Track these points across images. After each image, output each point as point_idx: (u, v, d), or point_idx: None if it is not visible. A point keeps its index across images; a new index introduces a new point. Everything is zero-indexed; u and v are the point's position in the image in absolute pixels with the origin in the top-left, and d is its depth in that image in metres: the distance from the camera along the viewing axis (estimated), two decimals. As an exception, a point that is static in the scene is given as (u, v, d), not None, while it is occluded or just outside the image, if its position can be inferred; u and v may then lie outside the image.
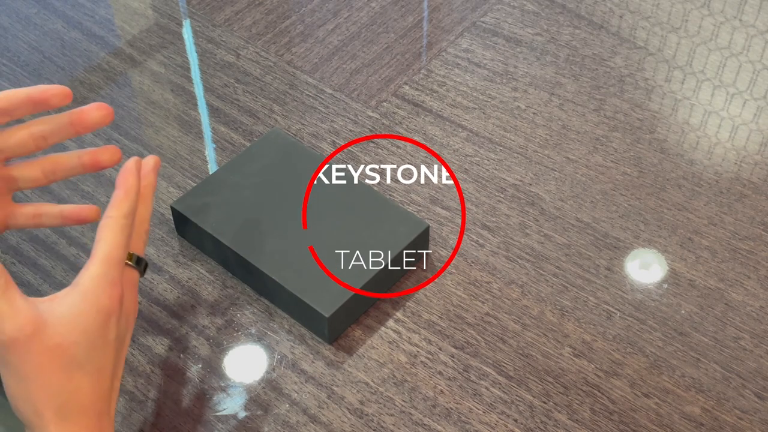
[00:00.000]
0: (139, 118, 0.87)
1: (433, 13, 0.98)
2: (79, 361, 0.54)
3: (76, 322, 0.53)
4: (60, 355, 0.53)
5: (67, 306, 0.54)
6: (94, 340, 0.54)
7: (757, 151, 0.84)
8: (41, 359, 0.52)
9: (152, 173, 0.64)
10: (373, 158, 0.83)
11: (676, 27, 0.96)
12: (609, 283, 0.74)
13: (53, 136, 0.62)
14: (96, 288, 0.54)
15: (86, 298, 0.54)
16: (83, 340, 0.54)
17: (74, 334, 0.53)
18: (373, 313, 0.72)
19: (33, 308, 0.53)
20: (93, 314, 0.54)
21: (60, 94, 0.60)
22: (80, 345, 0.54)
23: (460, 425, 0.66)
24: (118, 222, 0.57)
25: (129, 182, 0.59)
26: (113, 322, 0.55)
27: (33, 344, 0.52)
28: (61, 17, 0.97)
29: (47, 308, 0.53)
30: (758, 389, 0.68)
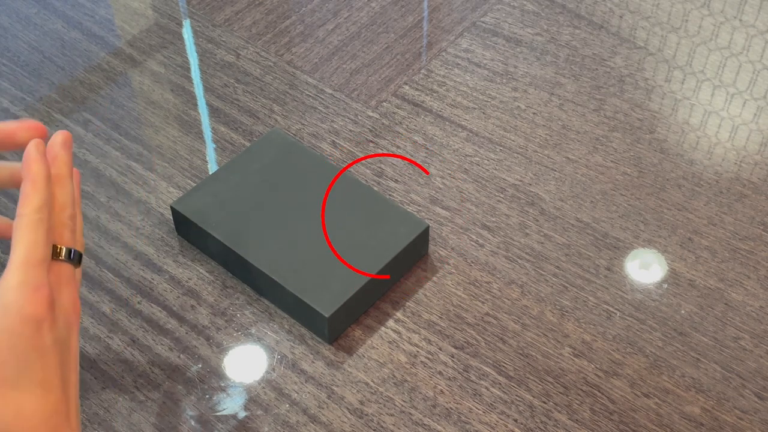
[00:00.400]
0: (139, 118, 0.87)
1: (433, 13, 0.98)
2: (12, 381, 0.49)
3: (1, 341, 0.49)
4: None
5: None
6: (24, 355, 0.49)
7: (757, 151, 0.84)
8: None
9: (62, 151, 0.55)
10: (373, 158, 0.83)
11: (676, 27, 0.96)
12: (609, 283, 0.74)
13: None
14: (17, 299, 0.49)
15: (8, 311, 0.49)
16: (11, 358, 0.49)
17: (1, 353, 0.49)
18: (373, 313, 0.72)
19: None
20: (18, 327, 0.49)
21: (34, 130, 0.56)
22: (9, 364, 0.49)
23: (460, 425, 0.66)
24: (30, 218, 0.51)
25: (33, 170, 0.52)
26: (45, 330, 0.50)
27: None
28: (61, 17, 0.97)
29: None
30: (758, 389, 0.68)
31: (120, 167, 0.83)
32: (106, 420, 0.66)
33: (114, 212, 0.79)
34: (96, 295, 0.73)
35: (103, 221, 0.78)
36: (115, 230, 0.78)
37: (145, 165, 0.83)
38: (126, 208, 0.79)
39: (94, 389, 0.68)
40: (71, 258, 0.54)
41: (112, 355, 0.70)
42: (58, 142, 0.55)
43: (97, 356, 0.70)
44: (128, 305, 0.73)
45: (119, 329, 0.71)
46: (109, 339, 0.71)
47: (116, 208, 0.79)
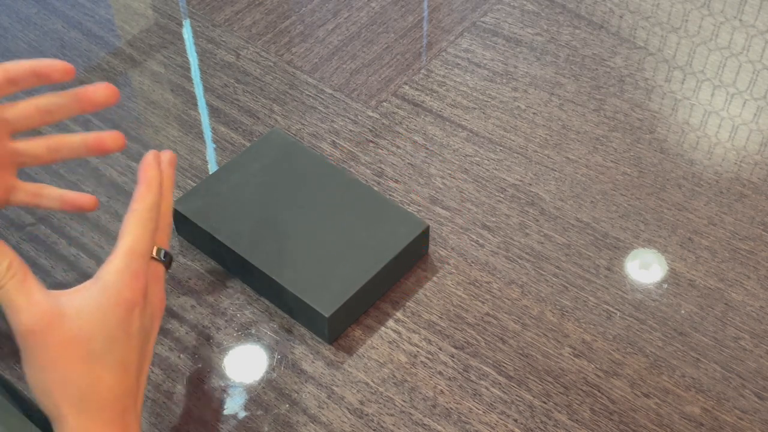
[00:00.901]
0: (139, 118, 0.87)
1: (433, 13, 0.98)
2: (98, 353, 0.53)
3: (94, 315, 0.53)
4: (77, 347, 0.53)
5: (87, 298, 0.54)
6: (114, 332, 0.54)
7: (757, 151, 0.84)
8: (58, 351, 0.52)
9: (170, 167, 0.63)
10: (373, 158, 0.83)
11: (676, 27, 0.96)
12: (609, 283, 0.74)
13: (59, 111, 0.64)
14: (118, 281, 0.54)
15: (107, 290, 0.54)
16: (102, 332, 0.53)
17: (92, 326, 0.53)
18: (373, 313, 0.72)
19: (51, 300, 0.53)
20: (113, 307, 0.54)
21: (62, 70, 0.62)
22: (98, 337, 0.53)
23: (460, 425, 0.66)
24: (141, 215, 0.57)
25: (149, 175, 0.59)
26: (136, 315, 0.55)
27: (50, 336, 0.52)
28: (61, 17, 0.97)
29: (67, 301, 0.53)
30: (758, 389, 0.68)
31: (120, 167, 0.83)
32: (106, 420, 0.66)
33: (114, 212, 0.79)
34: (96, 295, 0.73)
35: (103, 221, 0.78)
36: (115, 230, 0.78)
37: (146, 165, 0.83)
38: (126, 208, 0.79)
39: (94, 389, 0.68)
40: (165, 259, 0.60)
41: (112, 355, 0.70)
42: (167, 159, 0.63)
43: (97, 356, 0.70)
44: (128, 305, 0.73)
45: (119, 329, 0.71)
46: (109, 339, 0.71)
47: (116, 208, 0.79)
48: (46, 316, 0.52)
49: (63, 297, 0.54)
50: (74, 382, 0.53)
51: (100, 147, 0.65)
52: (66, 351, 0.52)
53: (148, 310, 0.57)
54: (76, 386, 0.53)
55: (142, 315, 0.56)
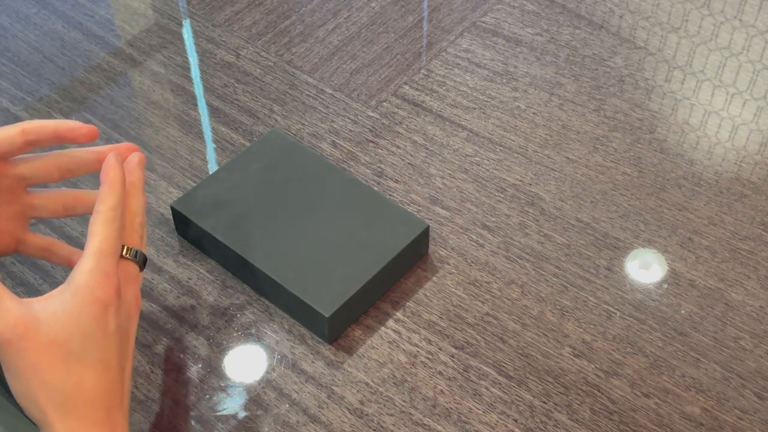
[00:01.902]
0: (139, 118, 0.87)
1: (433, 13, 0.98)
2: (77, 354, 0.54)
3: (69, 317, 0.54)
4: (55, 351, 0.53)
5: (60, 302, 0.54)
6: (90, 332, 0.54)
7: (757, 151, 0.84)
8: (37, 357, 0.53)
9: (137, 168, 0.63)
10: (373, 158, 0.83)
11: (676, 27, 0.96)
12: (609, 283, 0.74)
13: (79, 170, 0.64)
14: (89, 281, 0.55)
15: (79, 292, 0.54)
16: (78, 333, 0.54)
17: (68, 328, 0.54)
18: (373, 313, 0.72)
19: (24, 308, 0.53)
20: (87, 307, 0.54)
21: (87, 134, 0.62)
22: (75, 339, 0.54)
23: (460, 425, 0.66)
24: (106, 215, 0.57)
25: (111, 175, 0.59)
26: (111, 314, 0.55)
27: (27, 343, 0.53)
28: (61, 17, 0.97)
29: (41, 307, 0.54)
30: (758, 389, 0.68)
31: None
32: (106, 420, 0.66)
33: (114, 212, 0.79)
34: (96, 295, 0.73)
35: (103, 221, 0.78)
36: (115, 230, 0.78)
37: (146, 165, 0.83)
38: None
39: (94, 389, 0.68)
40: (137, 259, 0.60)
41: (112, 355, 0.70)
42: (135, 160, 0.63)
43: (97, 356, 0.70)
44: (128, 305, 0.73)
45: (119, 329, 0.71)
46: (109, 339, 0.71)
47: (116, 208, 0.79)
48: (21, 324, 0.53)
49: (36, 303, 0.54)
50: (56, 386, 0.53)
51: None
52: (45, 356, 0.53)
53: (123, 309, 0.57)
54: (59, 390, 0.53)
55: (117, 314, 0.56)
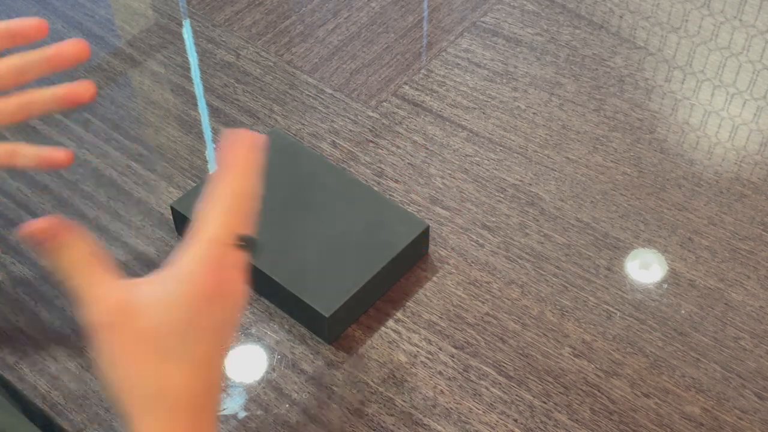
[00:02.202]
0: (139, 118, 0.87)
1: (433, 13, 0.98)
2: (171, 349, 0.50)
3: (170, 309, 0.50)
4: (150, 343, 0.49)
5: (162, 289, 0.50)
6: (188, 326, 0.50)
7: (757, 151, 0.84)
8: (129, 345, 0.49)
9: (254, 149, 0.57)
10: (373, 158, 0.83)
11: (676, 27, 0.96)
12: (609, 283, 0.74)
13: (31, 71, 0.63)
14: (194, 271, 0.50)
15: (184, 281, 0.50)
16: (176, 326, 0.50)
17: (166, 320, 0.50)
18: (373, 313, 0.72)
19: (126, 292, 0.50)
20: (189, 298, 0.50)
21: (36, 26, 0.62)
22: (172, 332, 0.50)
23: (460, 425, 0.66)
24: (227, 202, 0.52)
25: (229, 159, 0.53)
26: (212, 307, 0.51)
27: (122, 328, 0.49)
28: (61, 17, 0.97)
29: (142, 292, 0.50)
30: (758, 389, 0.68)
31: (120, 167, 0.83)
32: (106, 420, 0.66)
33: (114, 212, 0.79)
34: (96, 295, 0.73)
35: (103, 221, 0.78)
36: (115, 230, 0.78)
37: (145, 165, 0.83)
38: (126, 208, 0.79)
39: (94, 389, 0.68)
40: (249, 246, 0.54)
41: (112, 355, 0.70)
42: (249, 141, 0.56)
43: (97, 356, 0.70)
44: (128, 305, 0.73)
45: (119, 329, 0.71)
46: (109, 339, 0.71)
47: (116, 208, 0.79)
48: (119, 309, 0.49)
49: (137, 288, 0.50)
50: (144, 380, 0.49)
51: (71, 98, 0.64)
52: (138, 346, 0.49)
53: (228, 302, 0.52)
54: (146, 384, 0.50)
55: (219, 307, 0.51)
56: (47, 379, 0.68)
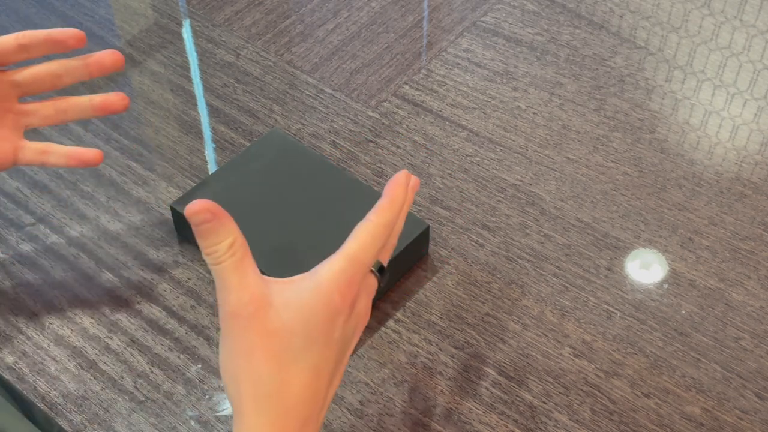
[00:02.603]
0: (138, 118, 0.87)
1: (433, 13, 0.98)
2: (294, 353, 0.51)
3: (300, 312, 0.51)
4: (275, 342, 0.51)
5: (297, 292, 0.52)
6: (315, 334, 0.51)
7: (758, 151, 0.84)
8: (256, 341, 0.50)
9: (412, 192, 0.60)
10: (373, 158, 0.83)
11: (677, 27, 0.96)
12: (609, 283, 0.74)
13: (68, 76, 0.68)
14: (332, 282, 0.52)
15: (319, 289, 0.52)
16: (303, 331, 0.51)
17: (295, 323, 0.51)
18: (373, 313, 0.72)
19: (262, 287, 0.51)
20: (321, 307, 0.51)
21: (76, 37, 0.66)
22: (298, 336, 0.51)
23: (460, 425, 0.66)
24: (376, 228, 0.55)
25: (396, 193, 0.56)
26: (340, 322, 0.52)
27: (252, 323, 0.50)
28: (61, 17, 0.97)
29: (278, 290, 0.52)
30: (758, 389, 0.68)
31: (120, 167, 0.83)
32: (106, 420, 0.66)
33: (114, 212, 0.79)
34: (96, 295, 0.73)
35: (103, 221, 0.78)
36: (115, 230, 0.78)
37: (145, 165, 0.83)
38: (126, 208, 0.79)
39: (94, 389, 0.68)
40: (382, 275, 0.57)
41: (112, 355, 0.70)
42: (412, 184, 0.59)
43: (97, 356, 0.70)
44: (128, 305, 0.73)
45: (119, 329, 0.71)
46: (108, 339, 0.71)
47: (116, 208, 0.79)
48: (254, 302, 0.50)
49: (275, 286, 0.52)
50: (263, 378, 0.50)
51: (106, 107, 0.69)
52: (264, 343, 0.50)
53: (352, 321, 0.54)
54: (264, 383, 0.50)
55: (346, 323, 0.53)
56: (47, 379, 0.68)
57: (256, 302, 0.51)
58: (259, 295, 0.51)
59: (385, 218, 0.55)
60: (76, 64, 0.68)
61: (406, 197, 0.57)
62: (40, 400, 0.67)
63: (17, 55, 0.66)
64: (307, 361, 0.51)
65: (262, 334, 0.50)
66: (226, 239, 0.51)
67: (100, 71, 0.68)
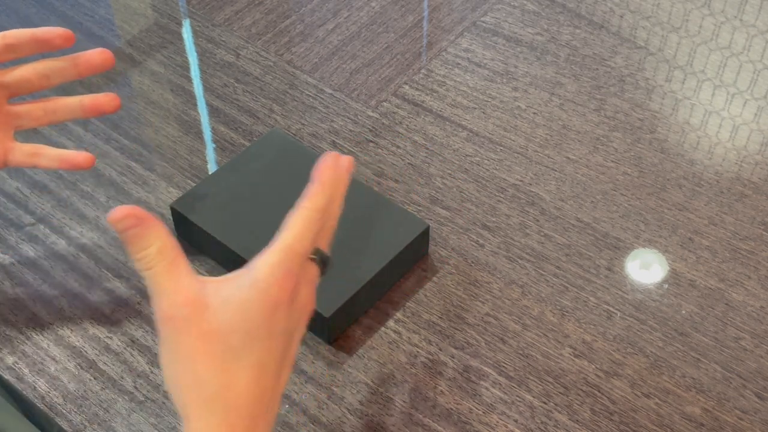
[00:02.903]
0: (138, 118, 0.87)
1: (433, 13, 0.98)
2: (236, 351, 0.50)
3: (238, 309, 0.50)
4: (215, 342, 0.50)
5: (234, 290, 0.51)
6: (255, 330, 0.50)
7: (758, 151, 0.84)
8: (195, 343, 0.50)
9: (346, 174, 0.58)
10: (373, 158, 0.83)
11: (677, 27, 0.96)
12: (609, 283, 0.74)
13: (56, 76, 0.66)
14: (269, 276, 0.51)
15: (256, 284, 0.51)
16: (243, 328, 0.50)
17: (234, 321, 0.50)
18: (373, 313, 0.72)
19: (197, 288, 0.51)
20: (259, 302, 0.50)
21: (63, 36, 0.65)
22: (239, 333, 0.50)
23: (460, 425, 0.66)
24: (309, 214, 0.54)
25: (325, 176, 0.55)
26: (281, 314, 0.51)
27: (190, 325, 0.50)
28: (60, 17, 0.97)
29: (213, 290, 0.51)
30: (759, 389, 0.68)
31: (120, 167, 0.83)
32: (106, 420, 0.66)
33: (114, 212, 0.79)
34: (96, 295, 0.73)
35: (103, 221, 0.78)
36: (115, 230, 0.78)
37: (145, 165, 0.83)
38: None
39: (94, 389, 0.68)
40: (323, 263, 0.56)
41: (112, 355, 0.70)
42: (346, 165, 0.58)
43: (96, 356, 0.69)
44: (128, 305, 0.73)
45: (119, 329, 0.71)
46: (108, 339, 0.71)
47: (116, 208, 0.79)
48: (189, 304, 0.50)
49: (210, 285, 0.51)
50: (205, 380, 0.50)
51: (96, 108, 0.67)
52: (203, 344, 0.50)
53: (295, 312, 0.53)
54: (207, 384, 0.50)
55: (287, 315, 0.52)
56: (47, 379, 0.68)
57: (191, 304, 0.50)
58: (194, 296, 0.50)
59: (316, 203, 0.54)
60: (64, 65, 0.66)
61: (338, 179, 0.56)
62: (40, 400, 0.67)
63: (3, 55, 0.65)
64: (249, 358, 0.50)
65: (201, 336, 0.50)
66: (154, 244, 0.51)
67: (90, 70, 0.66)
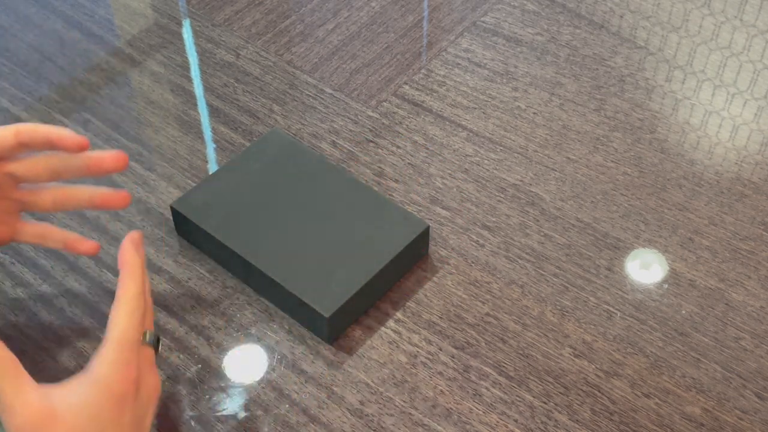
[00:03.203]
0: (138, 118, 0.87)
1: (433, 13, 0.98)
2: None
3: (85, 410, 0.53)
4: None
5: (78, 394, 0.53)
6: (104, 426, 0.53)
7: (758, 151, 0.84)
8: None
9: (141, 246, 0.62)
10: (373, 158, 0.83)
11: (677, 27, 0.96)
12: (609, 283, 0.74)
13: (66, 173, 0.65)
14: (108, 373, 0.54)
15: (98, 384, 0.54)
16: (91, 427, 0.53)
17: (83, 423, 0.53)
18: (373, 313, 0.72)
19: (43, 400, 0.52)
20: (104, 400, 0.53)
21: (78, 144, 0.63)
22: None
23: (460, 426, 0.66)
24: (129, 303, 0.57)
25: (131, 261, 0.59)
26: (128, 405, 0.55)
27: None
28: (60, 17, 0.97)
29: (59, 398, 0.53)
30: (759, 389, 0.68)
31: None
32: (106, 420, 0.66)
33: (114, 212, 0.79)
34: (96, 295, 0.73)
35: (103, 221, 0.78)
36: (115, 230, 0.78)
37: (145, 165, 0.83)
38: (126, 208, 0.79)
39: (94, 389, 0.68)
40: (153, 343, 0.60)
41: (111, 355, 0.70)
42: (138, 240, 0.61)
43: (96, 356, 0.69)
44: (128, 305, 0.73)
45: (119, 329, 0.71)
46: (108, 339, 0.71)
47: (116, 208, 0.79)
48: (38, 417, 0.52)
49: (55, 393, 0.53)
50: None
51: (105, 204, 0.67)
52: None
53: (142, 398, 0.56)
54: None
55: (134, 405, 0.55)
56: (47, 379, 0.68)
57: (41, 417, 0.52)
58: (42, 408, 0.52)
59: (132, 290, 0.57)
60: (77, 164, 0.65)
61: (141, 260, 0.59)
62: (40, 400, 0.67)
63: (16, 150, 0.64)
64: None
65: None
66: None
67: (101, 172, 0.65)
